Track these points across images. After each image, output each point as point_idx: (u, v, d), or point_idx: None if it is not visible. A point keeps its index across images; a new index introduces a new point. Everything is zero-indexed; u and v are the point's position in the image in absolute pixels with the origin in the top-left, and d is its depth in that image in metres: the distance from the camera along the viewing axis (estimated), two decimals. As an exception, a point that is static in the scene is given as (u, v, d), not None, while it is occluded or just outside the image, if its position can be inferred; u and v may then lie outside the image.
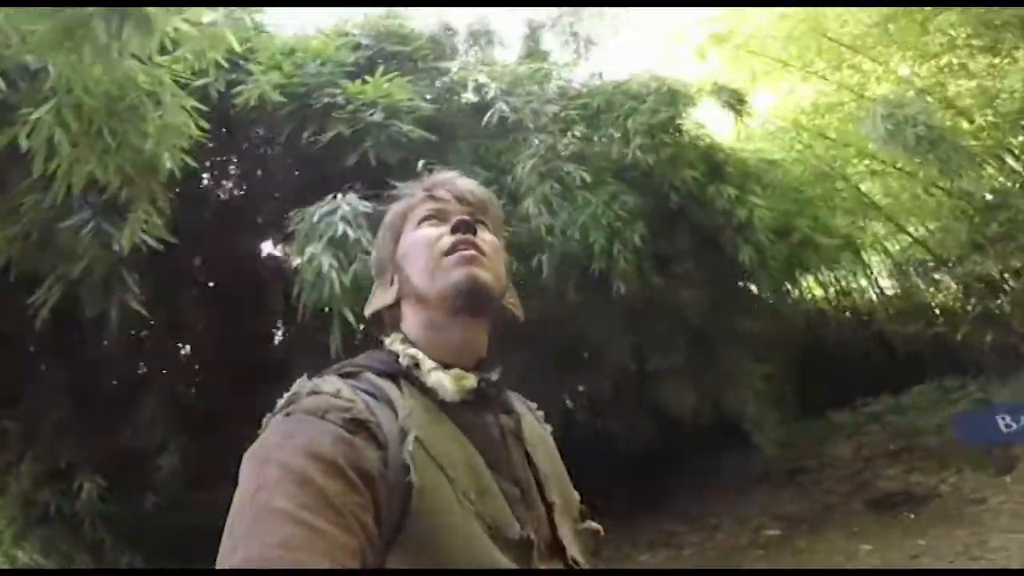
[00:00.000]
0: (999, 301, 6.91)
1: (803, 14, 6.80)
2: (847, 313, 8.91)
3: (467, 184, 0.94)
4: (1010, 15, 5.93)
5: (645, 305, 5.12)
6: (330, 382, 0.74)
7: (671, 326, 5.15)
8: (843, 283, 9.08)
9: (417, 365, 0.79)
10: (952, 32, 6.23)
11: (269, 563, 0.56)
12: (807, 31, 6.64)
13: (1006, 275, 6.44)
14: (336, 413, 0.69)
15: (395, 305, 0.88)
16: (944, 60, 6.27)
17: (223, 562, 0.58)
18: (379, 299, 0.90)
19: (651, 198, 4.93)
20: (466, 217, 0.86)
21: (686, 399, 5.38)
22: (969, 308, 7.09)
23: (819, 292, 9.07)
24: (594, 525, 0.88)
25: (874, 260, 8.78)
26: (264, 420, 0.73)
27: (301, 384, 0.74)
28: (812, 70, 6.82)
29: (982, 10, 6.12)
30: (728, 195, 4.67)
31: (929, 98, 6.29)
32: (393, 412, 0.72)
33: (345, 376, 0.77)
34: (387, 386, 0.76)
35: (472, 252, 0.83)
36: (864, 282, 8.97)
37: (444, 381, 0.78)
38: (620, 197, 4.90)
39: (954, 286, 6.76)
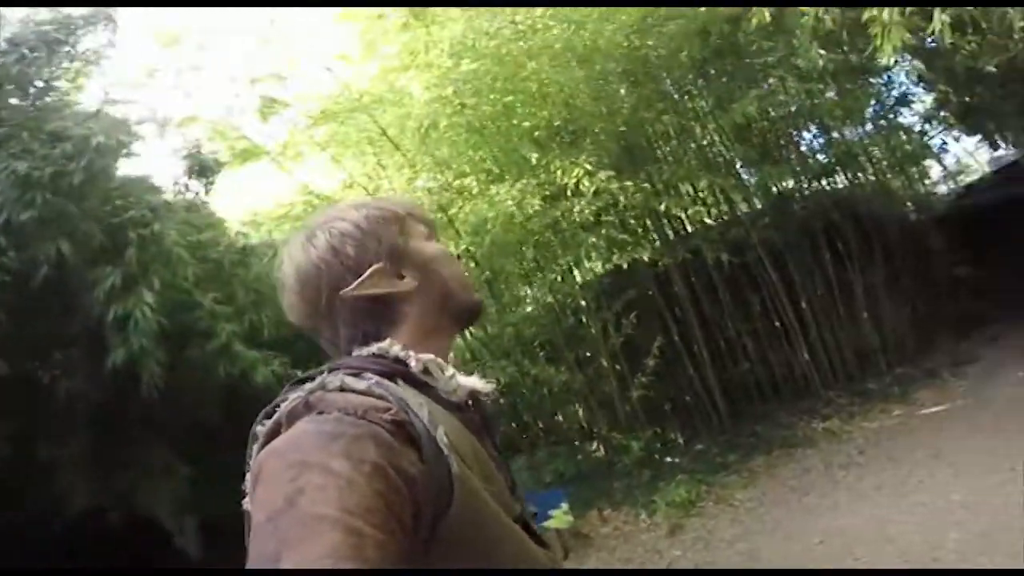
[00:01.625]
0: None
1: (368, 91, 6.64)
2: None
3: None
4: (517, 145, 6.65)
5: (26, 389, 4.16)
6: (358, 380, 0.72)
7: (66, 415, 4.24)
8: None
9: (427, 371, 0.80)
10: (471, 153, 6.78)
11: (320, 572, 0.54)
12: (349, 114, 6.34)
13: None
14: (375, 413, 0.67)
15: (389, 298, 0.86)
16: (467, 180, 6.77)
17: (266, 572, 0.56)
18: (383, 285, 0.85)
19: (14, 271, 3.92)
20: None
21: (85, 493, 4.52)
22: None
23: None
24: None
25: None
26: (280, 412, 0.69)
27: (325, 379, 0.71)
28: (338, 157, 6.67)
29: (515, 139, 6.85)
30: (112, 283, 3.93)
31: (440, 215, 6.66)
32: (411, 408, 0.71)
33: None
34: (392, 384, 0.74)
35: None
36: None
37: (477, 385, 0.85)
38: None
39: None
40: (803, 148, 9.11)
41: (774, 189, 8.50)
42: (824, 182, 8.77)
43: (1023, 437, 4.97)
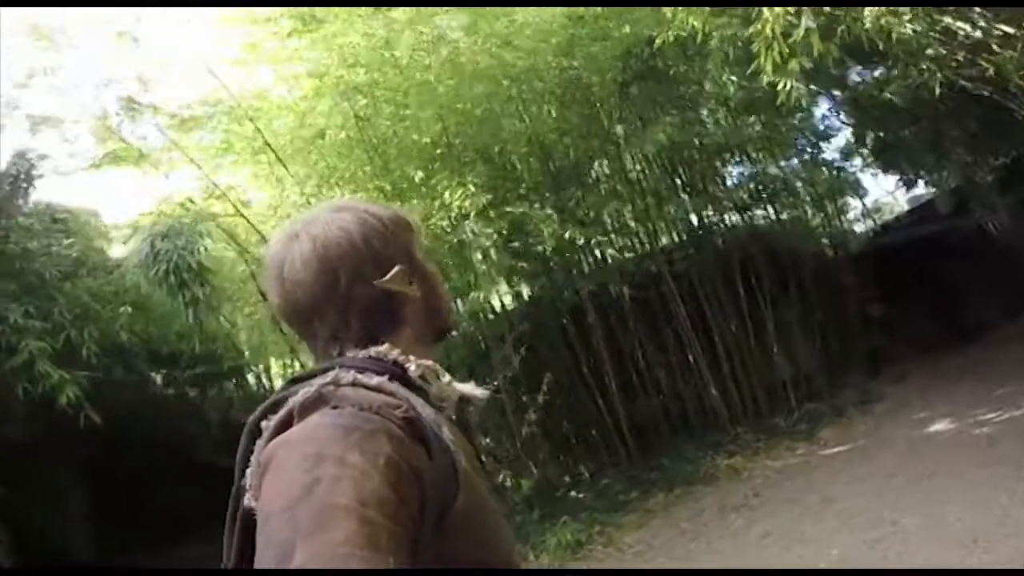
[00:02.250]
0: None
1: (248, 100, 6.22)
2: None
3: None
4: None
5: None
6: (369, 376, 0.74)
7: None
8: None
9: (423, 376, 0.81)
10: (356, 168, 6.41)
11: (336, 560, 0.55)
12: (225, 120, 5.96)
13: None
14: (388, 410, 0.69)
15: (403, 300, 0.87)
16: (358, 197, 6.39)
17: (281, 559, 0.56)
18: (401, 286, 0.86)
19: None
20: None
21: None
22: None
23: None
24: None
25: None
26: (291, 405, 0.70)
27: (337, 375, 0.73)
28: (214, 165, 6.21)
29: (413, 156, 6.43)
30: None
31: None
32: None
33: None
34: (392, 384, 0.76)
35: None
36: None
37: (475, 392, 0.87)
38: None
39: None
40: (728, 181, 9.03)
41: (695, 220, 8.37)
42: (746, 215, 8.70)
43: (910, 487, 4.86)
